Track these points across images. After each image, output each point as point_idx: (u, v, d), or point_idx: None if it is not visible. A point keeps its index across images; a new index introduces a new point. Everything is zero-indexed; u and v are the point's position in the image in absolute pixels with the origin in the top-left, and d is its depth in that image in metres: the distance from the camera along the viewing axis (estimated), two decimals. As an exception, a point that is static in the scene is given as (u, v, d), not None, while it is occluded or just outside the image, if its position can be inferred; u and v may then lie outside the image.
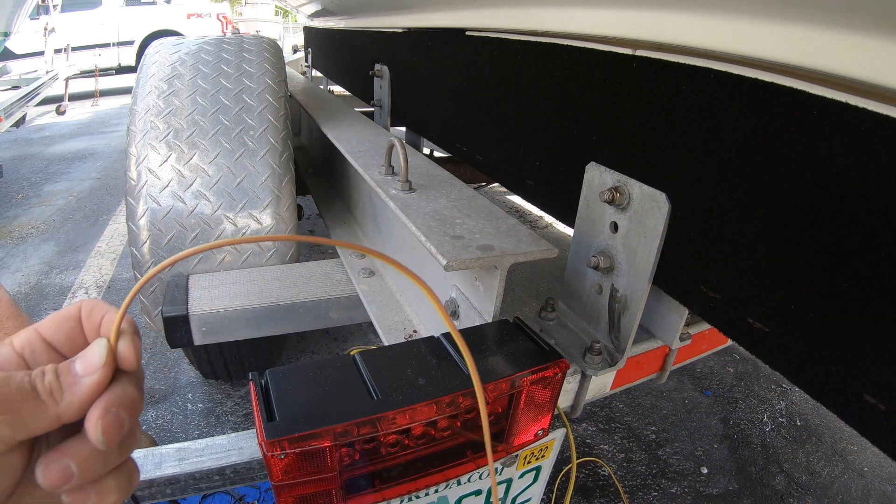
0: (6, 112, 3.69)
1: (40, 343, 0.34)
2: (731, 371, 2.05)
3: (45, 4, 6.64)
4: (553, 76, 0.80)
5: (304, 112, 1.93)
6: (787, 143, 0.46)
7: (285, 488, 0.49)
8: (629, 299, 0.69)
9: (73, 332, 0.35)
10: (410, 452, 0.55)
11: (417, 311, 0.97)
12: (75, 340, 0.35)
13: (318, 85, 2.84)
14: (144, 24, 8.28)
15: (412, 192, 0.91)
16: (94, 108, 6.84)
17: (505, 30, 0.94)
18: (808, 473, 1.59)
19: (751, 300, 0.52)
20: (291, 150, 1.27)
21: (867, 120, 0.39)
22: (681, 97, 0.56)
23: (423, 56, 1.36)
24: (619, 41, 0.66)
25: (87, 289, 2.39)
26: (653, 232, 0.63)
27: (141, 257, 1.15)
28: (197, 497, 1.30)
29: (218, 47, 1.35)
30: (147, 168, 1.16)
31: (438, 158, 2.07)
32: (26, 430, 0.29)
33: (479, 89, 1.07)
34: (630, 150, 0.65)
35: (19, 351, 0.33)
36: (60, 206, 3.44)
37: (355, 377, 0.53)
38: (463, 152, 1.19)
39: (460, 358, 0.57)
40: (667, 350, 0.85)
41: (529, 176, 0.92)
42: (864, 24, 0.38)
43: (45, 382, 0.31)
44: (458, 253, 0.67)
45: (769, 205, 0.48)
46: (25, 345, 0.34)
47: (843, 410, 0.44)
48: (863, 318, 0.41)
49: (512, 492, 0.71)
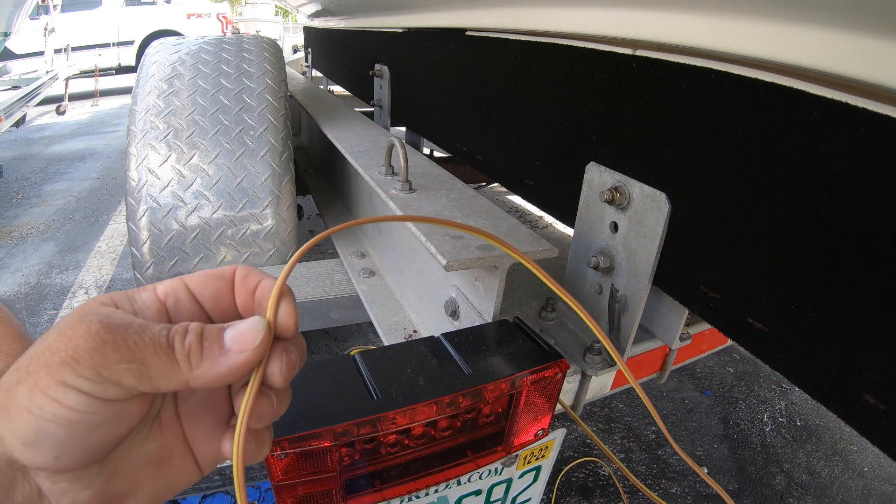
0: (6, 112, 3.69)
1: (185, 294, 0.32)
2: (731, 371, 2.05)
3: (45, 4, 6.63)
4: (553, 76, 0.80)
5: (304, 112, 1.92)
6: (786, 143, 0.46)
7: (285, 488, 0.49)
8: (629, 299, 0.69)
9: (221, 293, 0.32)
10: (410, 452, 0.55)
11: (417, 311, 0.97)
12: (222, 301, 0.32)
13: (318, 85, 2.84)
14: (144, 24, 8.27)
15: (412, 192, 0.91)
16: (94, 108, 6.84)
17: (505, 30, 0.94)
18: (808, 473, 1.59)
19: (751, 300, 0.52)
20: (291, 150, 1.27)
21: (867, 120, 0.39)
22: (681, 97, 0.56)
23: (423, 56, 1.36)
24: (619, 41, 0.66)
25: (87, 289, 2.39)
26: (653, 232, 0.63)
27: (141, 257, 1.15)
28: (197, 497, 1.30)
29: (218, 47, 1.35)
30: (147, 168, 1.16)
31: (438, 158, 2.07)
32: (151, 384, 0.27)
33: (479, 89, 1.07)
34: (630, 150, 0.65)
35: (161, 298, 0.31)
36: (60, 206, 3.44)
37: (355, 377, 0.53)
38: (463, 152, 1.19)
39: (460, 357, 0.57)
40: (667, 350, 0.85)
41: (529, 176, 0.92)
42: (864, 24, 0.38)
43: (185, 342, 0.28)
44: (458, 253, 0.67)
45: (769, 205, 0.48)
46: (169, 292, 0.31)
47: (843, 410, 0.44)
48: (863, 318, 0.41)
49: (512, 492, 0.71)
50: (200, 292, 0.32)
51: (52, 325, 2.22)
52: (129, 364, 0.27)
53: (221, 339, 0.29)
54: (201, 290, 0.32)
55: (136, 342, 0.27)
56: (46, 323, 2.13)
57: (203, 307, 0.32)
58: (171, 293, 0.31)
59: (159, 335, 0.28)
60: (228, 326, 0.30)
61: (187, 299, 0.32)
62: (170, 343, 0.28)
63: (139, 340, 0.27)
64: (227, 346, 0.29)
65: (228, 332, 0.29)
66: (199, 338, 0.29)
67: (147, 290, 0.31)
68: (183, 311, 0.32)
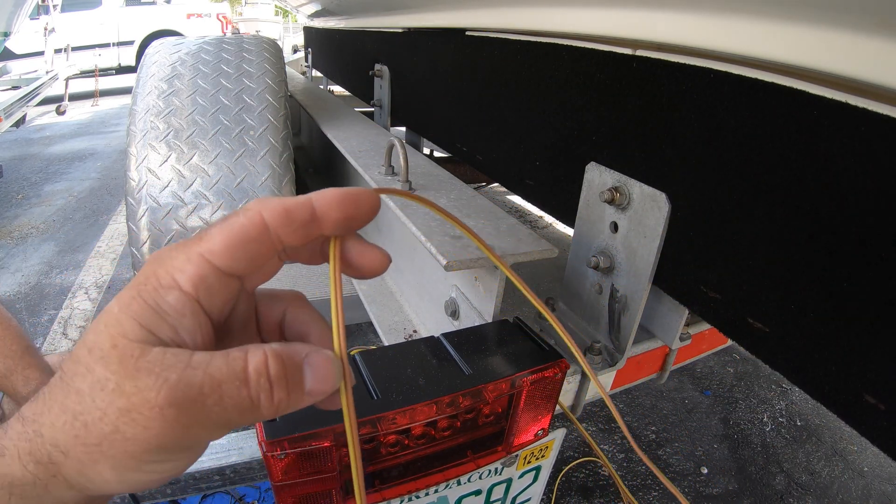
0: (6, 112, 3.69)
1: (216, 277, 0.26)
2: (731, 371, 2.05)
3: (45, 4, 6.63)
4: (553, 76, 0.80)
5: (304, 112, 1.92)
6: (786, 143, 0.46)
7: (285, 488, 0.48)
8: (629, 299, 0.69)
9: (258, 252, 0.27)
10: (410, 452, 0.55)
11: (417, 311, 0.97)
12: (258, 261, 0.27)
13: (318, 85, 2.84)
14: (144, 24, 8.27)
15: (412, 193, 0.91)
16: (94, 108, 6.84)
17: (505, 30, 0.94)
18: (808, 473, 1.59)
19: (751, 300, 0.52)
20: (291, 150, 1.27)
21: (867, 120, 0.39)
22: (681, 97, 0.56)
23: (423, 56, 1.36)
24: (619, 41, 0.66)
25: (87, 289, 2.39)
26: (653, 232, 0.63)
27: (141, 257, 1.15)
28: (197, 497, 1.30)
29: (218, 47, 1.35)
30: (147, 168, 1.16)
31: (438, 158, 2.07)
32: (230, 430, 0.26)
33: (479, 89, 1.07)
34: (630, 150, 0.65)
35: (193, 292, 0.26)
36: (60, 206, 3.44)
37: (355, 377, 0.53)
38: (463, 152, 1.19)
39: (460, 357, 0.57)
40: (667, 350, 0.85)
41: (529, 176, 0.92)
42: (864, 24, 0.38)
43: (274, 401, 0.26)
44: (458, 253, 0.67)
45: (769, 205, 0.48)
46: (199, 284, 0.26)
47: (843, 410, 0.44)
48: (863, 318, 0.41)
49: (512, 492, 0.71)
50: (234, 266, 0.27)
51: (52, 325, 2.21)
52: (214, 433, 0.26)
53: (303, 383, 0.27)
54: (235, 264, 0.27)
55: (218, 415, 0.25)
56: (46, 323, 2.13)
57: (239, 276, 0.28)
58: (201, 283, 0.26)
59: (242, 399, 0.25)
60: (306, 363, 0.27)
61: (218, 283, 0.27)
62: (255, 403, 0.26)
63: (221, 412, 0.25)
64: (308, 388, 0.27)
65: (308, 375, 0.27)
66: (287, 392, 0.27)
67: (170, 289, 0.26)
68: (216, 298, 0.27)
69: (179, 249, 0.26)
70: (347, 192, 0.28)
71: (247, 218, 0.26)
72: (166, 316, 0.25)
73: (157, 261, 0.26)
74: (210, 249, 0.26)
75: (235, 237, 0.26)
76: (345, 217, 0.28)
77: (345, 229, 0.29)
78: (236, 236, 0.26)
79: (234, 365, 0.25)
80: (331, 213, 0.28)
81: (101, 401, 0.24)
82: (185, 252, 0.26)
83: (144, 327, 0.25)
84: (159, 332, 0.25)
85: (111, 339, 0.24)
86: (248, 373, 0.26)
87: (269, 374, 0.26)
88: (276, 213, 0.27)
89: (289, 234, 0.27)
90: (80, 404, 0.24)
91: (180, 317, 0.26)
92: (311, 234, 0.28)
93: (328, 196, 0.28)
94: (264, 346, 0.27)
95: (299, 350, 0.28)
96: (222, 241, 0.26)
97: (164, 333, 0.25)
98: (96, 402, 0.24)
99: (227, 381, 0.25)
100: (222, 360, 0.25)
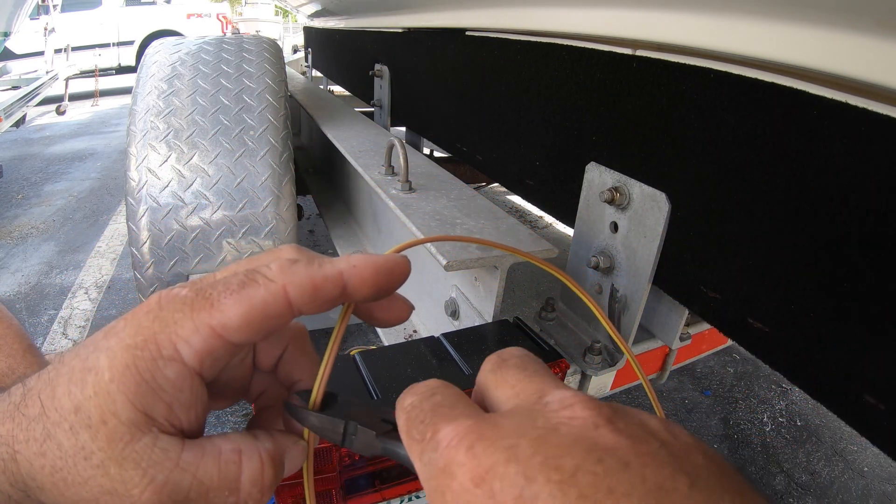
0: (6, 112, 3.69)
1: (224, 350, 0.24)
2: (731, 371, 2.05)
3: (45, 4, 6.63)
4: (553, 76, 0.80)
5: (304, 112, 1.93)
6: (787, 143, 0.46)
7: (285, 488, 0.48)
8: (629, 299, 0.69)
9: (276, 327, 0.25)
10: (410, 452, 0.55)
11: (417, 311, 0.97)
12: (276, 330, 0.26)
13: (318, 85, 2.84)
14: (144, 24, 8.27)
15: (412, 192, 0.91)
16: (94, 108, 6.84)
17: (505, 30, 0.94)
18: (808, 473, 1.59)
19: (751, 300, 0.52)
20: (291, 150, 1.27)
21: (867, 120, 0.39)
22: (681, 97, 0.56)
23: (423, 56, 1.36)
24: (619, 41, 0.66)
25: (87, 289, 2.39)
26: (653, 232, 0.63)
27: (141, 257, 1.15)
28: (197, 497, 1.30)
29: (218, 47, 1.35)
30: (147, 168, 1.16)
31: (438, 158, 2.07)
32: None
33: (479, 89, 1.07)
34: (630, 150, 0.65)
35: (197, 368, 0.24)
36: (60, 206, 3.44)
37: (355, 377, 0.53)
38: (463, 152, 1.19)
39: (460, 357, 0.57)
40: (667, 350, 0.85)
41: (529, 176, 0.92)
42: (864, 24, 0.38)
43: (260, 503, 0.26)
44: (458, 253, 0.67)
45: (769, 205, 0.48)
46: (205, 359, 0.24)
47: (843, 410, 0.44)
48: (863, 317, 0.41)
49: (512, 492, 0.71)
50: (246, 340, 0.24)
51: (51, 325, 2.21)
52: None
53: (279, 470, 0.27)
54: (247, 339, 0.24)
55: None
56: (46, 323, 2.13)
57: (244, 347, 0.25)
58: (207, 357, 0.24)
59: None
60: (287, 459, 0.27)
61: (226, 354, 0.24)
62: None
63: None
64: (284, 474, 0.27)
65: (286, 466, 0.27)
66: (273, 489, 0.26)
67: (171, 362, 0.23)
68: (219, 366, 0.25)
69: (187, 314, 0.23)
70: (380, 264, 0.26)
71: (269, 293, 0.24)
72: (162, 393, 0.23)
73: (159, 322, 0.23)
74: (223, 324, 0.23)
75: (255, 313, 0.23)
76: (376, 291, 0.26)
77: (373, 300, 0.28)
78: (256, 312, 0.23)
79: (227, 472, 0.24)
80: (363, 289, 0.26)
81: (84, 470, 0.23)
82: (194, 320, 0.23)
83: (138, 408, 0.23)
84: (153, 412, 0.23)
85: (101, 413, 0.23)
86: (241, 482, 0.25)
87: (263, 484, 0.25)
88: (304, 291, 0.24)
89: (313, 309, 0.25)
90: (62, 460, 0.23)
91: (177, 392, 0.24)
92: (337, 304, 0.26)
93: (361, 271, 0.25)
94: (259, 447, 0.26)
95: (284, 445, 0.27)
96: (238, 317, 0.23)
97: (158, 413, 0.23)
98: (79, 469, 0.23)
99: (216, 489, 0.24)
100: (213, 464, 0.24)
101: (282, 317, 0.24)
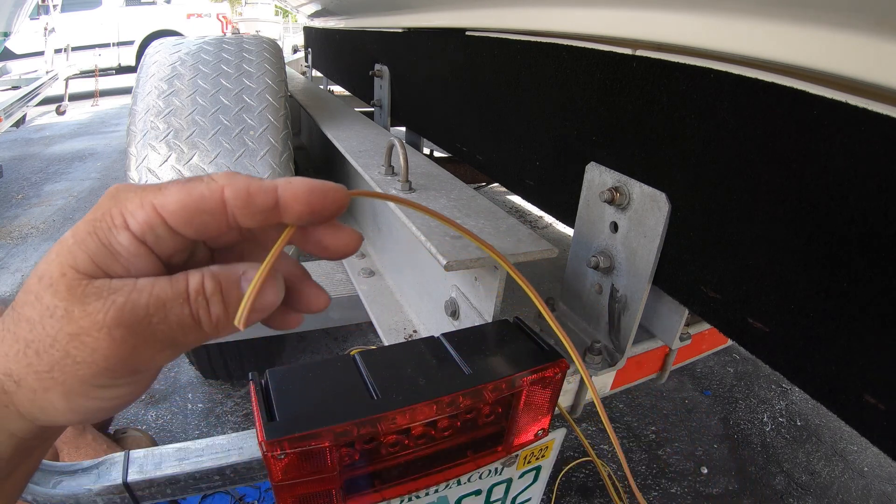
0: (6, 112, 3.69)
1: (164, 230, 0.26)
2: (731, 371, 2.05)
3: (45, 4, 6.64)
4: (553, 76, 0.80)
5: (304, 112, 1.93)
6: (786, 143, 0.46)
7: (285, 488, 0.48)
8: (629, 299, 0.69)
9: (209, 225, 0.27)
10: (410, 452, 0.55)
11: (417, 311, 0.97)
12: (210, 230, 0.27)
13: (318, 85, 2.84)
14: (144, 24, 8.27)
15: (412, 192, 0.91)
16: (94, 108, 6.84)
17: (505, 30, 0.94)
18: (808, 473, 1.59)
19: (751, 300, 0.52)
20: (291, 150, 1.27)
21: (867, 120, 0.39)
22: (681, 97, 0.56)
23: (423, 56, 1.36)
24: (619, 41, 0.66)
25: (87, 289, 2.39)
26: (653, 232, 0.63)
27: (141, 257, 1.15)
28: (197, 497, 1.30)
29: (218, 47, 1.35)
30: (147, 168, 1.16)
31: (438, 158, 2.07)
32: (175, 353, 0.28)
33: (479, 89, 1.07)
34: (630, 150, 0.65)
35: (140, 237, 0.26)
36: (60, 206, 3.44)
37: (355, 377, 0.53)
38: (463, 152, 1.19)
39: (460, 357, 0.57)
40: (667, 350, 0.85)
41: (529, 176, 0.92)
42: (864, 24, 0.38)
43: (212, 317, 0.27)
44: (458, 253, 0.67)
45: (769, 205, 0.48)
46: (147, 232, 0.26)
47: (843, 410, 0.44)
48: (863, 317, 0.41)
49: (512, 492, 0.71)
50: (183, 228, 0.27)
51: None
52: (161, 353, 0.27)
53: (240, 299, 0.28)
54: (182, 228, 0.27)
55: (164, 333, 0.26)
56: (46, 323, 2.14)
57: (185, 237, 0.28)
58: (149, 230, 0.26)
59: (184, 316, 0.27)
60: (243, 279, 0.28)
61: (167, 235, 0.27)
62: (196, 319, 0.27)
63: (166, 330, 0.26)
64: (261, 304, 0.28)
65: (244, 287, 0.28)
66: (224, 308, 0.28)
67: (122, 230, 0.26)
68: (165, 247, 0.27)
69: (136, 192, 0.27)
70: (315, 185, 0.27)
71: (208, 189, 0.26)
72: (119, 256, 0.26)
73: (113, 198, 0.27)
74: (163, 204, 0.26)
75: (190, 203, 0.26)
76: (309, 212, 0.28)
77: (306, 223, 0.29)
78: (192, 203, 0.26)
79: (178, 286, 0.27)
80: (294, 206, 0.27)
81: (51, 327, 0.25)
82: (140, 196, 0.26)
83: (97, 264, 0.26)
84: (111, 270, 0.26)
85: (61, 267, 0.25)
86: (189, 291, 0.27)
87: (204, 292, 0.27)
88: (238, 194, 0.26)
89: (245, 217, 0.27)
90: (31, 332, 0.25)
91: (133, 257, 0.26)
92: (269, 221, 0.28)
93: (295, 187, 0.27)
94: (203, 268, 0.28)
95: (236, 268, 0.28)
96: (176, 202, 0.26)
97: (115, 272, 0.26)
98: (46, 329, 0.25)
99: (171, 300, 0.26)
100: (166, 282, 0.27)
101: (215, 213, 0.26)
